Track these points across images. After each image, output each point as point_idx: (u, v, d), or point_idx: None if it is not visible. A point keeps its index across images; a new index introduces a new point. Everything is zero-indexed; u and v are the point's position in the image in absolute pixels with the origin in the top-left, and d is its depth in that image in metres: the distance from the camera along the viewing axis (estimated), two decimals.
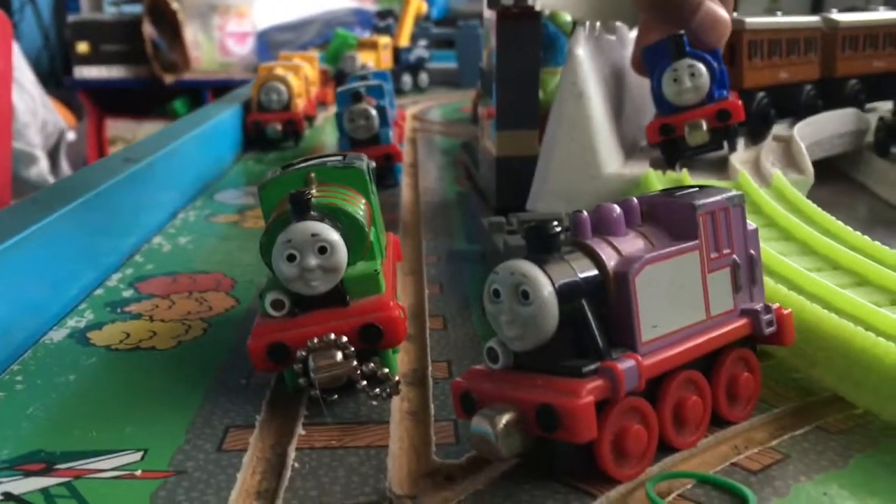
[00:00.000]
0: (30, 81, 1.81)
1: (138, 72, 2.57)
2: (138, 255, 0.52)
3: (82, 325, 0.41)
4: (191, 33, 2.63)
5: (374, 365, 0.32)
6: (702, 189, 0.31)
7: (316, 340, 0.32)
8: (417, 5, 1.42)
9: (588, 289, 0.27)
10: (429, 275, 0.48)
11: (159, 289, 0.46)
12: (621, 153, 0.53)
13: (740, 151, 0.55)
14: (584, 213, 0.29)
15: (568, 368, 0.26)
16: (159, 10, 2.53)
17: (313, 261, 0.32)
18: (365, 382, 0.32)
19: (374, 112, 0.68)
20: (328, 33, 1.38)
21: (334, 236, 0.32)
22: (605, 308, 0.28)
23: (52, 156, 1.83)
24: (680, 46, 0.50)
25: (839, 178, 0.69)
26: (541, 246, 0.27)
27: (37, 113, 1.76)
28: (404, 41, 1.35)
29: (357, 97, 0.68)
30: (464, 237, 0.56)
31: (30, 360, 0.38)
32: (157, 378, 0.36)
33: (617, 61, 0.54)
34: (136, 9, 2.62)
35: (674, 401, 0.29)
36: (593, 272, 0.28)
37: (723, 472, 0.28)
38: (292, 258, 0.32)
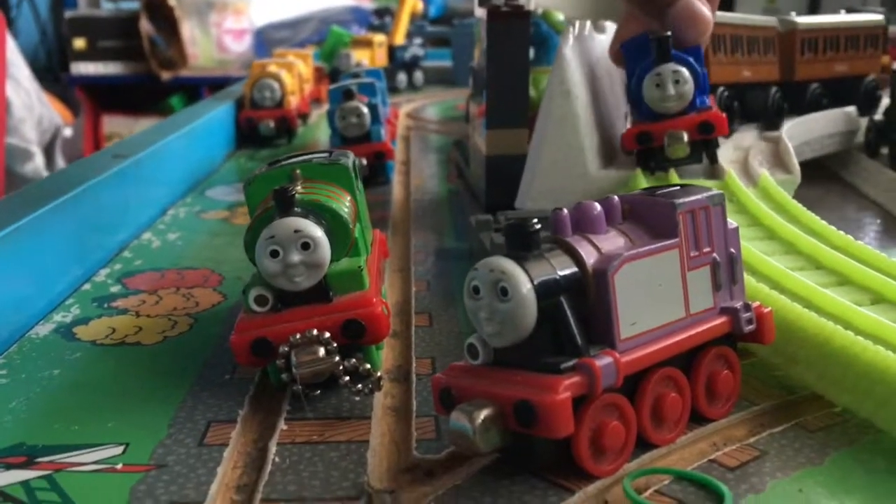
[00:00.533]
0: (26, 77, 1.81)
1: (135, 68, 2.56)
2: (127, 250, 0.53)
3: (68, 319, 0.42)
4: (188, 30, 2.63)
5: (356, 361, 0.32)
6: (683, 188, 0.31)
7: (298, 336, 0.32)
8: (413, 3, 1.42)
9: (567, 286, 0.27)
10: (416, 272, 0.48)
11: (147, 284, 0.47)
12: (610, 152, 0.53)
13: (728, 151, 0.55)
14: (565, 210, 0.29)
15: (546, 365, 0.27)
16: (156, 6, 2.52)
17: (296, 257, 0.32)
18: (347, 378, 0.32)
19: (365, 110, 0.68)
20: (325, 31, 1.37)
21: (317, 232, 0.32)
22: (585, 305, 0.28)
23: (48, 152, 1.83)
24: (665, 49, 0.47)
25: (829, 178, 0.69)
26: (520, 243, 0.28)
27: (32, 108, 1.76)
28: (399, 39, 1.35)
29: (349, 95, 0.68)
30: (453, 235, 0.56)
31: (15, 355, 0.38)
32: (141, 373, 0.36)
33: (606, 60, 0.54)
34: (133, 5, 2.61)
35: (652, 397, 0.29)
36: (572, 269, 0.28)
37: (700, 468, 0.28)
38: (275, 254, 0.32)
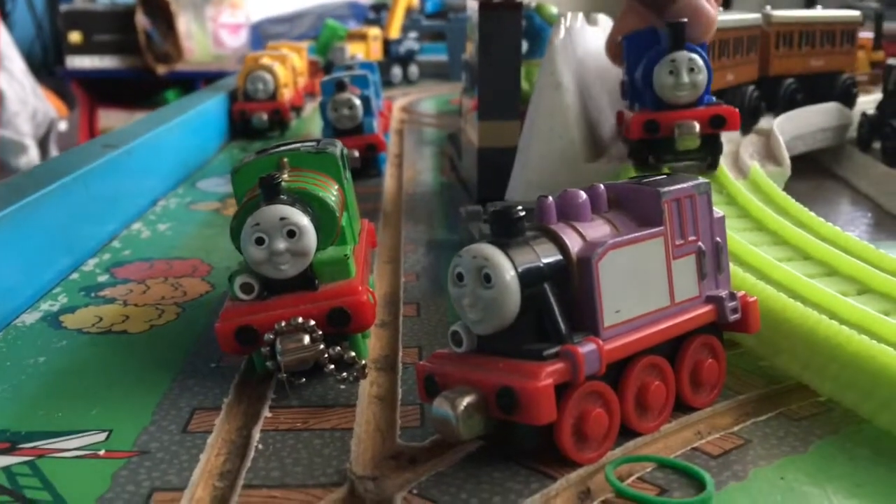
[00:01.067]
0: (20, 70, 1.81)
1: (131, 62, 2.56)
2: (116, 240, 0.52)
3: (56, 308, 0.41)
4: (184, 24, 2.63)
5: (340, 349, 0.32)
6: (669, 176, 0.31)
7: (284, 324, 0.32)
8: None
9: (551, 273, 0.27)
10: (406, 263, 0.48)
11: (135, 274, 0.46)
12: (600, 144, 0.53)
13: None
14: (550, 198, 0.29)
15: (529, 352, 0.27)
16: (152, 0, 2.52)
17: (282, 244, 0.32)
18: (332, 366, 0.32)
19: (357, 101, 0.68)
20: (322, 26, 1.37)
21: (303, 220, 0.32)
22: (568, 293, 0.28)
23: (43, 145, 1.83)
24: (680, 36, 0.45)
25: (821, 172, 0.69)
26: (504, 230, 0.28)
27: (27, 101, 1.75)
28: (394, 33, 1.34)
29: (341, 86, 0.68)
30: (444, 227, 0.56)
31: (0, 343, 0.38)
32: (127, 361, 0.36)
33: (598, 53, 0.54)
34: None
35: (636, 385, 0.29)
36: (557, 257, 0.28)
37: (684, 456, 0.28)
38: (261, 241, 0.32)
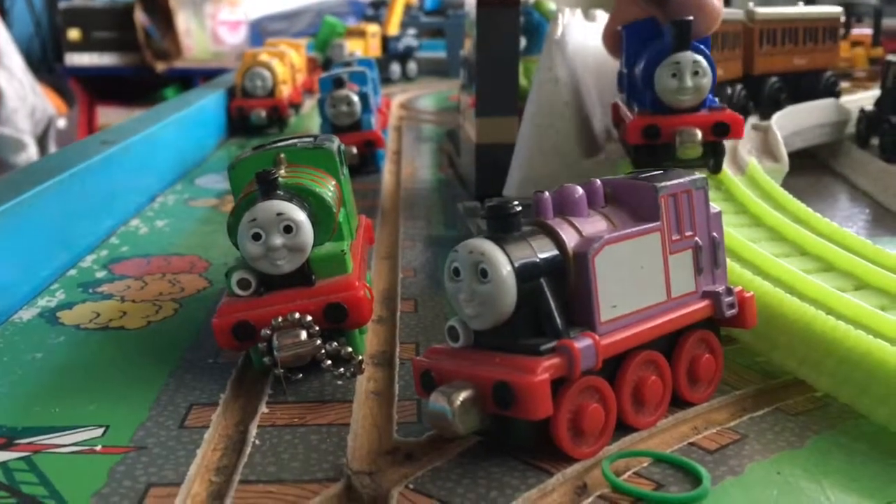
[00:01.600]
0: (19, 67, 1.81)
1: (130, 59, 2.55)
2: (114, 237, 0.52)
3: (53, 304, 0.41)
4: (183, 21, 2.62)
5: (337, 344, 0.32)
6: (666, 171, 0.31)
7: (280, 319, 0.32)
8: None
9: (547, 268, 0.27)
10: (404, 259, 0.48)
11: (133, 270, 0.46)
12: (598, 140, 0.53)
13: None
14: (546, 193, 0.29)
15: (525, 347, 0.27)
16: None
17: (278, 240, 0.32)
18: (329, 362, 0.32)
19: (355, 98, 0.68)
20: (321, 23, 1.37)
21: (300, 216, 0.32)
22: (565, 288, 0.28)
23: (42, 142, 1.83)
24: (685, 36, 0.43)
25: (820, 168, 0.69)
26: (501, 225, 0.28)
27: (26, 99, 1.75)
28: (393, 30, 1.34)
29: (339, 83, 0.68)
30: (442, 223, 0.56)
31: None
32: (124, 357, 0.36)
33: (596, 49, 0.54)
34: None
35: (633, 381, 0.29)
36: (553, 252, 0.28)
37: (680, 451, 0.28)
38: (258, 237, 0.32)
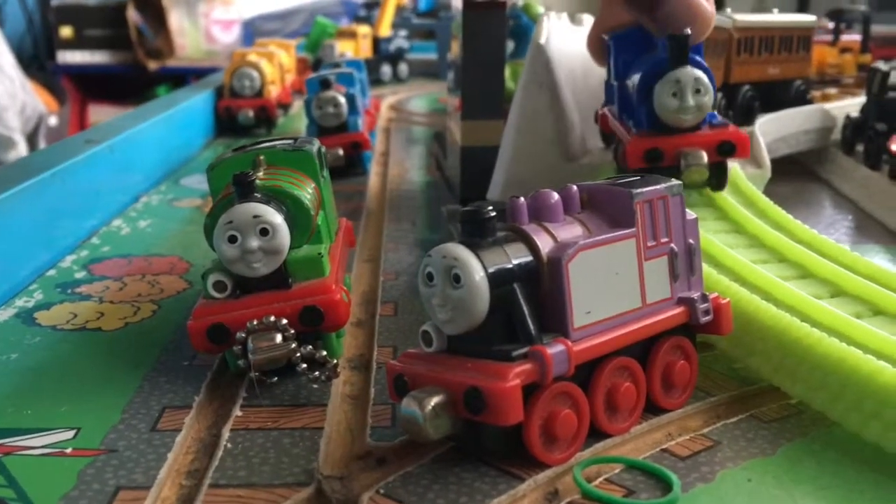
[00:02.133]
0: (9, 64, 1.80)
1: (122, 58, 2.54)
2: (96, 237, 0.52)
3: (30, 304, 0.41)
4: (176, 20, 2.61)
5: (312, 348, 0.32)
6: (643, 178, 0.31)
7: (256, 322, 0.32)
8: None
9: (521, 274, 0.27)
10: (386, 262, 0.48)
11: (113, 271, 0.46)
12: (581, 144, 0.53)
13: None
14: (522, 199, 0.29)
15: (498, 352, 0.27)
16: None
17: (254, 242, 0.32)
18: (304, 365, 0.32)
19: (342, 99, 0.68)
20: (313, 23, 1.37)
21: (276, 219, 0.32)
22: (539, 293, 0.28)
23: (31, 140, 1.82)
24: (683, 51, 0.41)
25: (804, 174, 0.69)
26: (475, 231, 0.28)
27: (16, 96, 1.74)
28: (384, 31, 1.34)
29: (326, 84, 0.68)
30: (427, 226, 0.56)
31: None
32: (99, 358, 0.36)
33: (581, 53, 0.54)
34: None
35: (606, 387, 0.29)
36: (527, 258, 0.28)
37: (652, 457, 0.28)
38: (233, 239, 0.32)
